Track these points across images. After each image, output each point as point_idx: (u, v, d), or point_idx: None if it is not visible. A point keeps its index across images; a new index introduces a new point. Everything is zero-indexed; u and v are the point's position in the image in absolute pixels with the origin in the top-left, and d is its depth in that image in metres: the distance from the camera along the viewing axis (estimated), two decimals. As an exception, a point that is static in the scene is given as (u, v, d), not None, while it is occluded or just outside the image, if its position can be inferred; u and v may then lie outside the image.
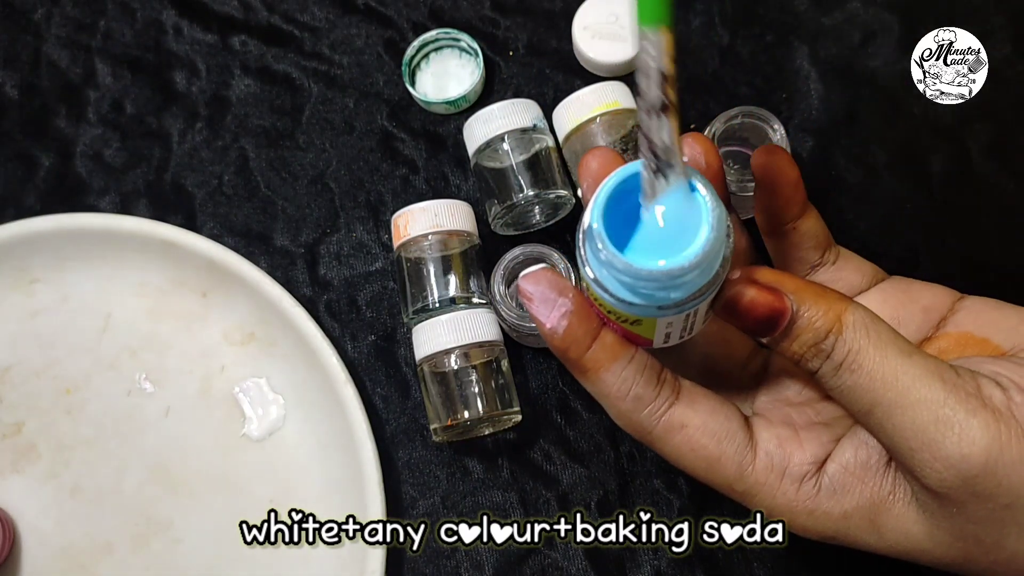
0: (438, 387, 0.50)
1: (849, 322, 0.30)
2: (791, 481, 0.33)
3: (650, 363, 0.33)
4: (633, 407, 0.33)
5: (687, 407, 0.33)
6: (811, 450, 0.34)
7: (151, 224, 0.54)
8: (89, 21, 0.61)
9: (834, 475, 0.33)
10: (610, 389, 0.33)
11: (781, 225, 0.37)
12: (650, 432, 0.33)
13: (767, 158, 0.35)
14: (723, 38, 0.57)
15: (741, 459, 0.33)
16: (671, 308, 0.30)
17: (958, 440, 0.29)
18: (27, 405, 0.55)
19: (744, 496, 0.34)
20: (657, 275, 0.29)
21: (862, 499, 0.33)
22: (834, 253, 0.39)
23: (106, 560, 0.52)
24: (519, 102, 0.53)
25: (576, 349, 0.32)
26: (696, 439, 0.33)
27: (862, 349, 0.30)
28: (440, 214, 0.51)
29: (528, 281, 0.33)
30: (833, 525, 0.34)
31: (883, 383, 0.30)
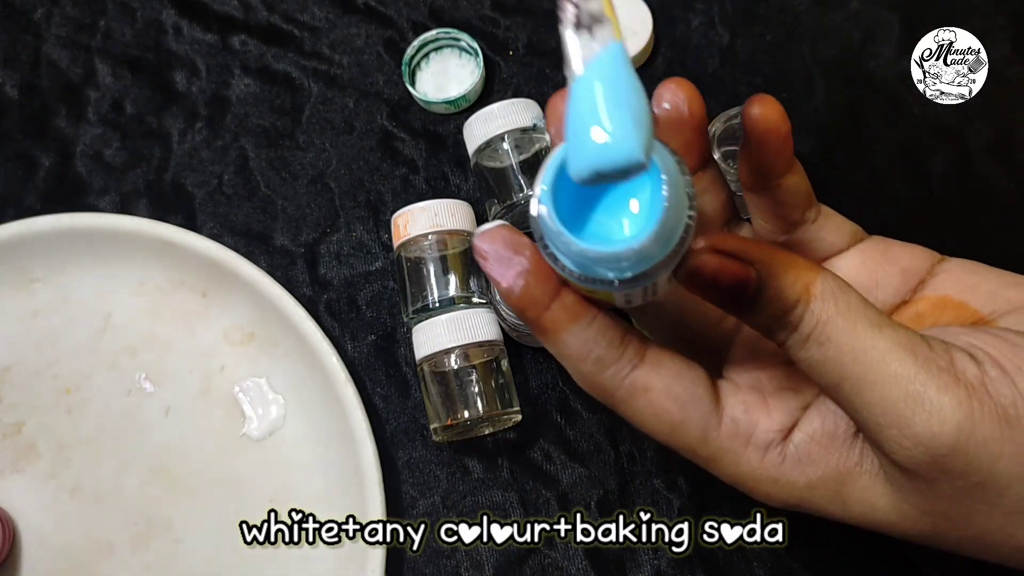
0: (438, 387, 0.50)
1: (818, 292, 0.29)
2: (756, 449, 0.32)
3: (613, 324, 0.32)
4: (595, 369, 0.31)
5: (651, 370, 0.32)
6: (778, 418, 0.33)
7: (151, 224, 0.54)
8: (89, 21, 0.61)
9: (800, 444, 0.32)
10: (571, 350, 0.31)
11: (766, 181, 0.35)
12: (613, 395, 0.32)
13: (761, 109, 0.33)
14: (723, 38, 0.57)
15: (706, 424, 0.32)
16: (626, 284, 0.28)
17: (928, 417, 0.28)
18: (27, 405, 0.55)
19: (708, 462, 0.33)
20: (608, 255, 0.27)
21: (827, 470, 0.32)
22: (815, 211, 0.37)
23: (106, 560, 0.52)
24: (519, 102, 0.53)
25: (534, 309, 0.31)
26: (659, 403, 0.32)
27: (830, 320, 0.29)
28: (440, 214, 0.51)
29: (483, 239, 0.31)
30: (798, 494, 0.32)
31: (852, 357, 0.29)
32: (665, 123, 0.33)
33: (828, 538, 0.50)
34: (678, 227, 0.28)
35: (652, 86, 0.57)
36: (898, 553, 0.49)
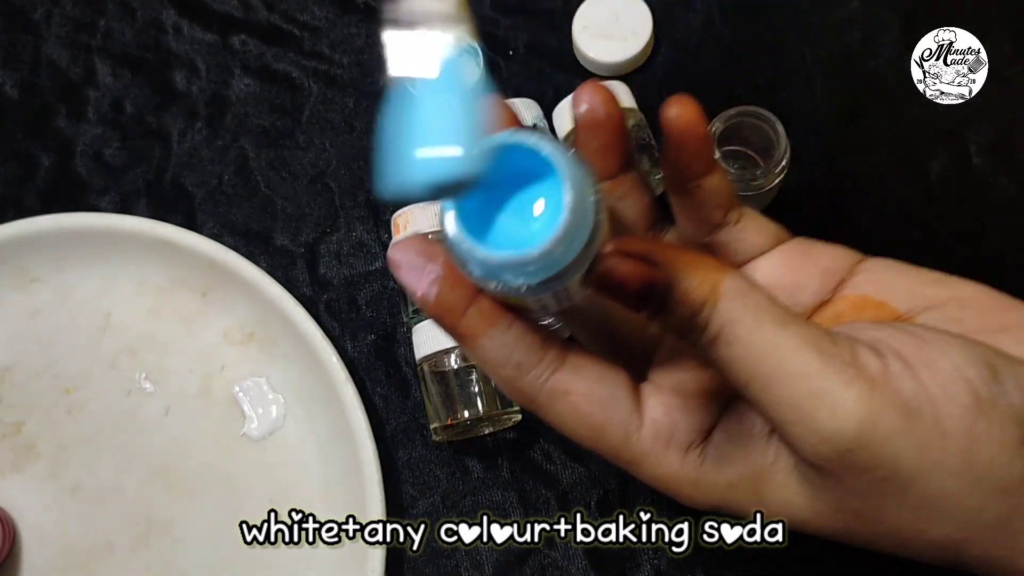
0: (438, 386, 0.50)
1: (724, 292, 0.29)
2: (676, 451, 0.32)
3: (532, 329, 0.31)
4: (515, 374, 0.31)
5: (571, 373, 0.31)
6: (698, 418, 0.32)
7: (151, 223, 0.54)
8: (89, 20, 0.61)
9: (719, 445, 0.32)
10: (489, 355, 0.31)
11: (686, 182, 0.35)
12: (534, 399, 0.32)
13: (679, 109, 0.33)
14: (723, 37, 0.57)
15: (627, 427, 0.32)
16: (534, 289, 0.28)
17: (831, 413, 0.28)
18: (27, 405, 0.55)
19: (630, 465, 0.33)
20: (512, 261, 0.27)
21: (745, 469, 0.32)
22: (737, 213, 0.36)
23: (106, 560, 0.52)
24: (519, 101, 0.53)
25: (450, 316, 0.31)
26: (581, 406, 0.31)
27: (737, 320, 0.29)
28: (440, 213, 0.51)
29: (396, 249, 0.31)
30: (719, 494, 0.32)
31: (758, 356, 0.28)
32: (584, 125, 0.33)
33: (827, 540, 0.50)
34: (583, 230, 0.27)
35: (652, 86, 0.57)
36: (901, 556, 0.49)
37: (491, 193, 0.28)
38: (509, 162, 0.27)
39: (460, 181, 0.25)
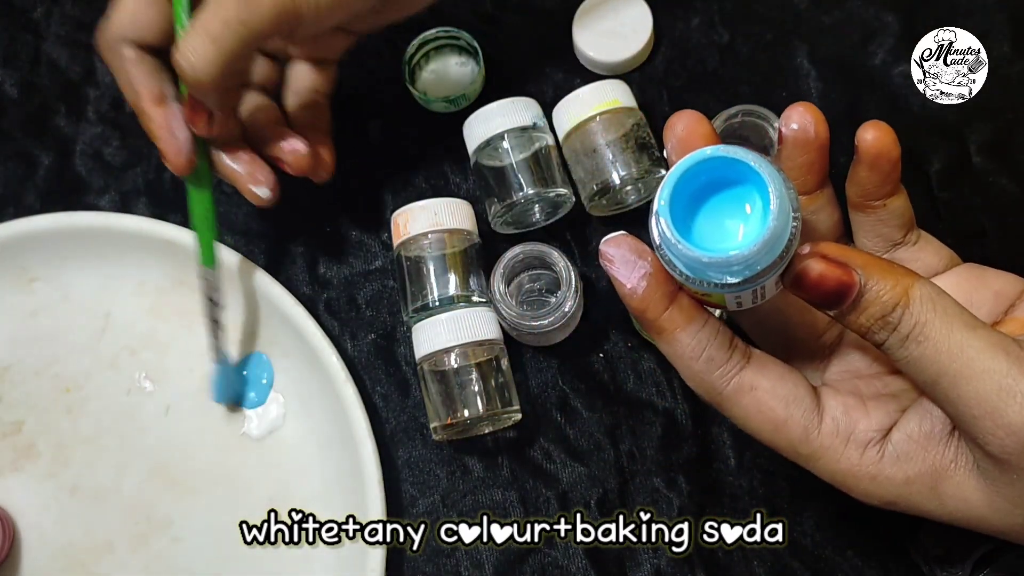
0: (438, 386, 0.50)
1: (916, 296, 0.31)
2: (856, 446, 0.34)
3: (723, 328, 0.35)
4: (706, 368, 0.34)
5: (757, 371, 0.35)
6: (877, 418, 0.35)
7: (151, 223, 0.54)
8: (89, 19, 0.61)
9: (898, 443, 0.34)
10: (684, 349, 0.34)
11: (872, 200, 0.38)
12: (720, 393, 0.35)
13: (875, 133, 0.36)
14: (723, 37, 0.57)
15: (807, 423, 0.34)
16: (736, 287, 0.31)
17: (1020, 408, 0.30)
18: (27, 404, 0.55)
19: (808, 460, 0.35)
20: (720, 261, 0.30)
21: (924, 466, 0.34)
22: (916, 234, 0.40)
23: (106, 559, 0.52)
24: (519, 100, 0.53)
25: (654, 310, 0.34)
26: (765, 401, 0.34)
27: (928, 322, 0.31)
28: (440, 213, 0.51)
29: (609, 244, 0.34)
30: (895, 490, 0.34)
31: (948, 354, 0.31)
32: (792, 143, 0.36)
33: (828, 538, 0.50)
34: (784, 234, 0.31)
35: (652, 85, 0.57)
36: (899, 553, 0.49)
37: (694, 200, 0.32)
38: (709, 173, 0.32)
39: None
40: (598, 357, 0.53)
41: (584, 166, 0.52)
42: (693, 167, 0.31)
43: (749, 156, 0.31)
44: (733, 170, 0.31)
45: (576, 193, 0.54)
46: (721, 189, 0.32)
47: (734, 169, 0.31)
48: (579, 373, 0.53)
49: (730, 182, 0.32)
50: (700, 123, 0.35)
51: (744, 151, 0.31)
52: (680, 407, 0.52)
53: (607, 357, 0.53)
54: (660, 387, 0.53)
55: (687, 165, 0.31)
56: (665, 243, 0.32)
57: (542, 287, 0.53)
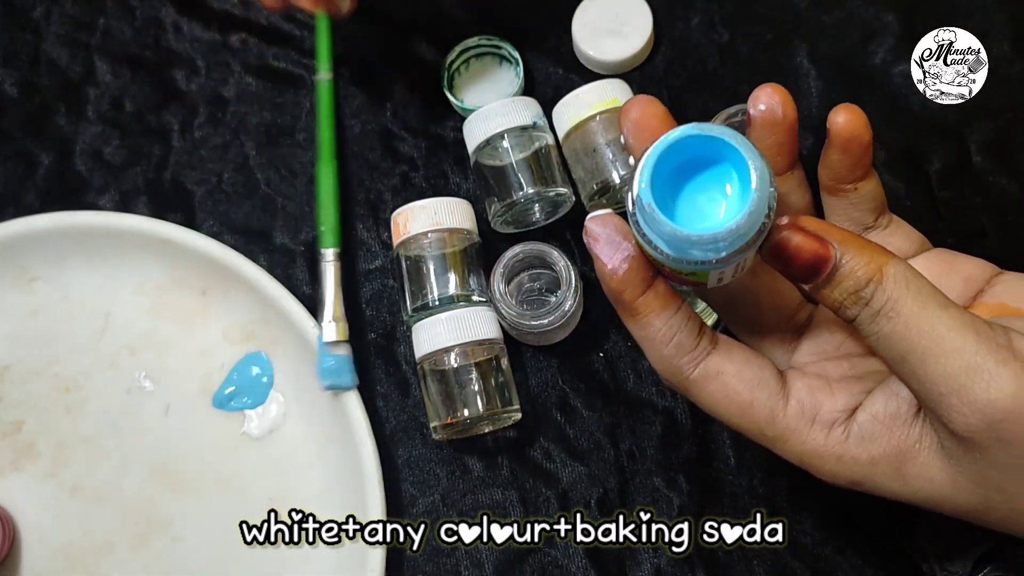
0: (438, 385, 0.50)
1: (890, 273, 0.32)
2: (821, 427, 0.35)
3: (693, 316, 0.35)
4: (675, 352, 0.35)
5: (724, 356, 0.35)
6: (842, 399, 0.35)
7: (151, 222, 0.54)
8: (88, 19, 0.61)
9: (863, 423, 0.35)
10: (656, 334, 0.35)
11: (843, 184, 0.38)
12: (687, 378, 0.35)
13: (846, 116, 0.37)
14: (723, 36, 0.57)
15: (773, 405, 0.35)
16: (721, 263, 0.31)
17: (986, 386, 0.30)
18: (27, 404, 0.55)
19: (774, 441, 0.35)
20: (707, 238, 0.30)
21: (889, 446, 0.34)
22: (887, 218, 0.40)
23: (106, 559, 0.52)
24: (519, 100, 0.53)
25: (632, 292, 0.34)
26: (730, 385, 0.35)
27: (900, 299, 0.32)
28: (440, 212, 0.51)
29: (596, 222, 0.34)
30: (860, 470, 0.35)
31: (918, 332, 0.31)
32: (760, 123, 0.37)
33: (828, 537, 0.50)
34: (764, 207, 0.31)
35: (652, 85, 0.57)
36: (899, 552, 0.49)
37: (671, 181, 0.32)
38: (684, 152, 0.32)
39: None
40: (598, 356, 0.53)
41: (584, 165, 0.52)
42: (671, 146, 0.31)
43: (725, 132, 0.31)
44: (708, 148, 0.32)
45: (576, 192, 0.54)
46: (696, 168, 0.32)
47: (709, 147, 0.31)
48: (579, 372, 0.53)
49: (704, 161, 0.32)
50: (653, 105, 0.35)
51: (719, 128, 0.31)
52: (680, 406, 0.52)
53: (607, 356, 0.53)
54: (660, 386, 0.53)
55: (665, 144, 0.31)
56: (647, 224, 0.32)
57: (542, 286, 0.53)
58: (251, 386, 0.54)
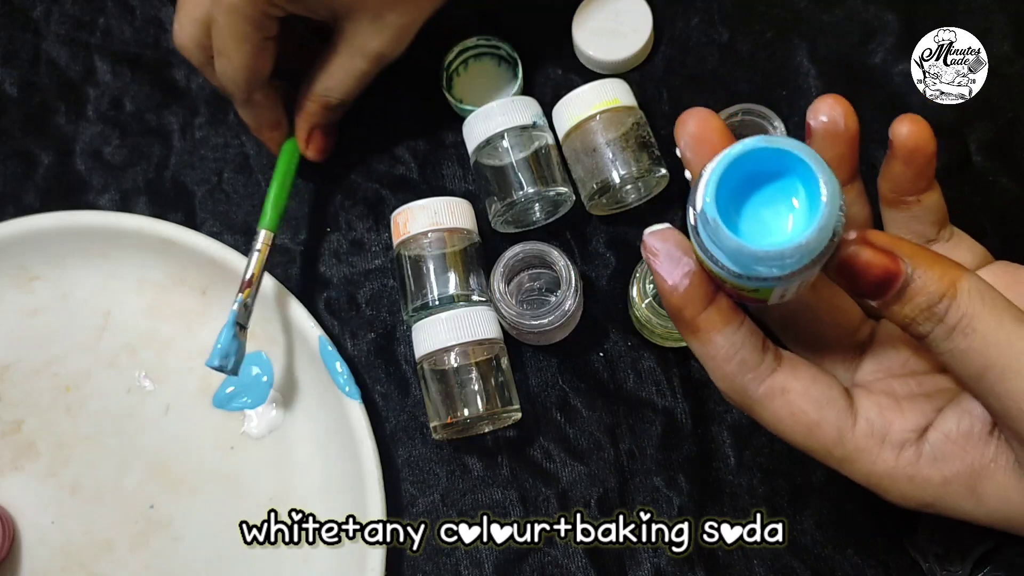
0: (438, 385, 0.50)
1: (964, 288, 0.31)
2: (891, 448, 0.34)
3: (756, 331, 0.34)
4: (738, 370, 0.34)
5: (789, 374, 0.34)
6: (912, 419, 0.34)
7: (151, 222, 0.54)
8: (88, 18, 0.61)
9: (935, 443, 0.34)
10: (719, 351, 0.34)
11: (906, 196, 0.37)
12: (751, 396, 0.34)
13: (911, 127, 0.35)
14: (723, 35, 0.57)
15: (841, 425, 0.34)
16: (786, 280, 0.30)
17: None
18: (27, 403, 0.55)
19: (842, 462, 0.34)
20: (773, 254, 0.29)
21: (963, 466, 0.33)
22: (949, 231, 0.39)
23: (106, 558, 0.52)
24: (519, 99, 0.53)
25: (693, 308, 0.33)
26: (797, 404, 0.34)
27: (976, 314, 0.31)
28: (440, 212, 0.51)
29: (655, 237, 0.33)
30: (932, 491, 0.34)
31: (997, 347, 0.30)
32: (822, 135, 0.35)
33: (828, 536, 0.50)
34: (833, 221, 0.30)
35: (652, 84, 0.57)
36: (899, 552, 0.49)
37: (735, 195, 0.31)
38: (748, 165, 0.30)
39: None
40: (598, 356, 0.53)
41: (584, 165, 0.52)
42: (737, 159, 0.30)
43: (793, 145, 0.30)
44: (774, 161, 0.31)
45: (576, 192, 0.54)
46: (760, 181, 0.31)
47: (775, 160, 0.30)
48: (579, 372, 0.53)
49: (769, 174, 0.31)
50: (712, 118, 0.34)
51: (787, 140, 0.30)
52: (680, 406, 0.52)
53: (607, 356, 0.53)
54: (660, 386, 0.53)
55: (732, 157, 0.30)
56: (711, 239, 0.31)
57: (542, 286, 0.53)
58: (251, 386, 0.54)
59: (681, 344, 0.52)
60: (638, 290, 0.50)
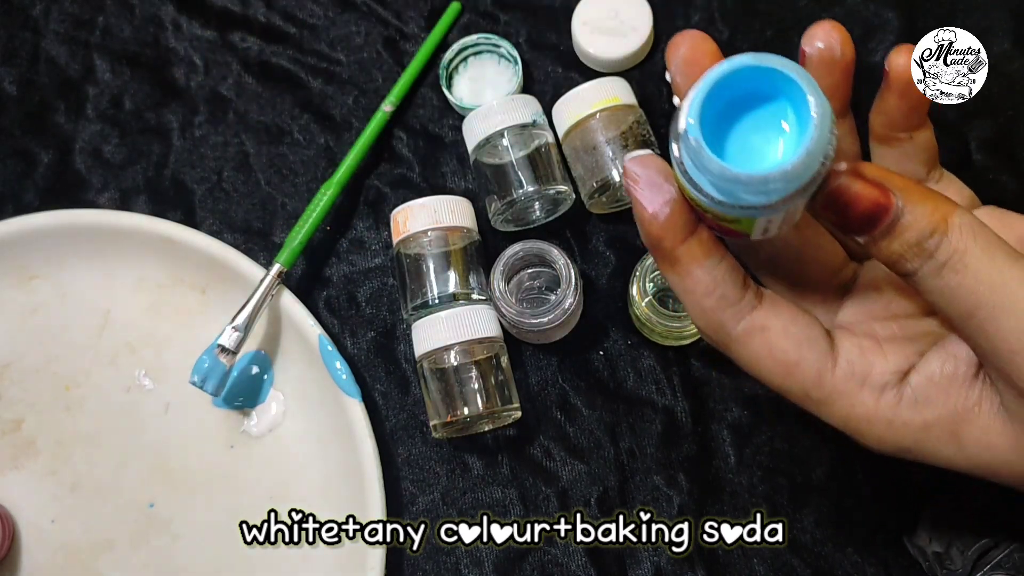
0: (438, 383, 0.50)
1: (955, 224, 0.29)
2: (871, 390, 0.33)
3: (737, 267, 0.33)
4: (718, 305, 0.33)
5: (769, 311, 0.33)
6: (894, 361, 0.33)
7: (150, 220, 0.54)
8: (88, 17, 0.61)
9: (917, 386, 0.33)
10: (698, 285, 0.33)
11: (898, 132, 0.36)
12: (729, 333, 0.33)
13: (908, 58, 0.34)
14: (723, 33, 0.57)
15: (821, 365, 0.33)
16: (771, 208, 0.29)
17: None
18: (26, 402, 0.55)
19: (820, 405, 0.33)
20: (757, 179, 0.28)
21: (945, 410, 0.32)
22: (939, 172, 0.38)
23: (106, 556, 0.52)
24: (518, 98, 0.53)
25: (673, 238, 0.32)
26: (776, 342, 0.33)
27: (968, 250, 0.29)
28: (440, 210, 0.51)
29: (636, 163, 0.32)
30: (912, 436, 0.33)
31: (988, 285, 0.29)
32: (816, 62, 0.33)
33: (827, 535, 0.50)
34: (823, 147, 0.28)
35: (652, 82, 0.57)
36: (899, 551, 0.49)
37: (720, 118, 0.29)
38: (735, 87, 0.29)
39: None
40: (598, 355, 0.53)
41: (584, 163, 0.52)
42: (723, 78, 0.28)
43: (784, 63, 0.28)
44: (763, 82, 0.29)
45: (576, 190, 0.54)
46: (749, 104, 0.30)
47: (765, 80, 0.29)
48: (579, 371, 0.53)
49: (758, 96, 0.29)
50: (705, 41, 0.32)
51: (777, 58, 0.28)
52: (680, 405, 0.52)
53: (607, 355, 0.53)
54: (660, 385, 0.53)
55: (717, 75, 0.28)
56: (693, 163, 0.29)
57: (542, 284, 0.53)
58: (251, 385, 0.54)
59: (681, 343, 0.52)
60: (638, 288, 0.50)
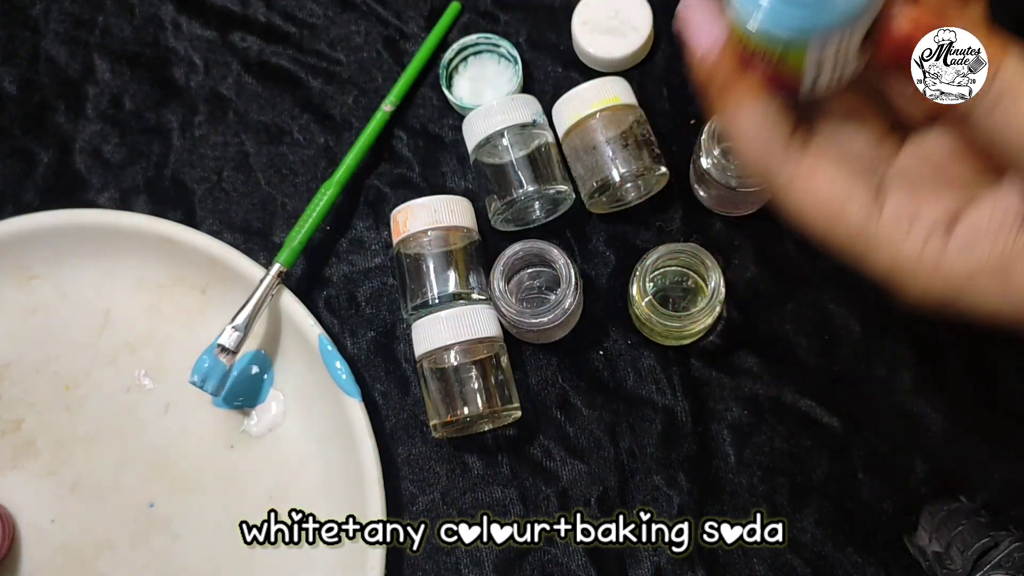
0: (438, 383, 0.50)
1: (1010, 62, 0.30)
2: (918, 235, 0.32)
3: (786, 112, 0.33)
4: (765, 148, 0.33)
5: (817, 157, 0.33)
6: (942, 206, 0.33)
7: (150, 220, 0.54)
8: (88, 17, 0.61)
9: (964, 232, 0.32)
10: (747, 127, 0.33)
11: None
12: (777, 177, 0.33)
13: None
14: (723, 34, 0.57)
15: (868, 212, 0.32)
16: (823, 32, 0.29)
17: None
18: (26, 402, 0.55)
19: (865, 252, 0.33)
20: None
21: (993, 256, 0.32)
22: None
23: (105, 556, 0.52)
24: (518, 97, 0.53)
25: (722, 79, 0.32)
26: (823, 188, 0.32)
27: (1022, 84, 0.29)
28: (440, 210, 0.51)
29: (687, 8, 0.32)
30: (957, 284, 0.32)
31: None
32: None
33: (827, 535, 0.50)
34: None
35: (652, 82, 0.57)
36: (899, 550, 0.49)
37: None
38: None
39: None
40: (598, 354, 0.53)
41: (584, 163, 0.52)
42: None
43: None
44: None
45: (576, 190, 0.54)
46: None
47: None
48: (579, 370, 0.53)
49: None
50: None
51: None
52: (680, 404, 0.52)
53: (607, 354, 0.53)
54: (660, 384, 0.52)
55: None
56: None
57: (542, 284, 0.53)
58: (251, 385, 0.54)
59: (681, 342, 0.52)
60: (638, 288, 0.50)
